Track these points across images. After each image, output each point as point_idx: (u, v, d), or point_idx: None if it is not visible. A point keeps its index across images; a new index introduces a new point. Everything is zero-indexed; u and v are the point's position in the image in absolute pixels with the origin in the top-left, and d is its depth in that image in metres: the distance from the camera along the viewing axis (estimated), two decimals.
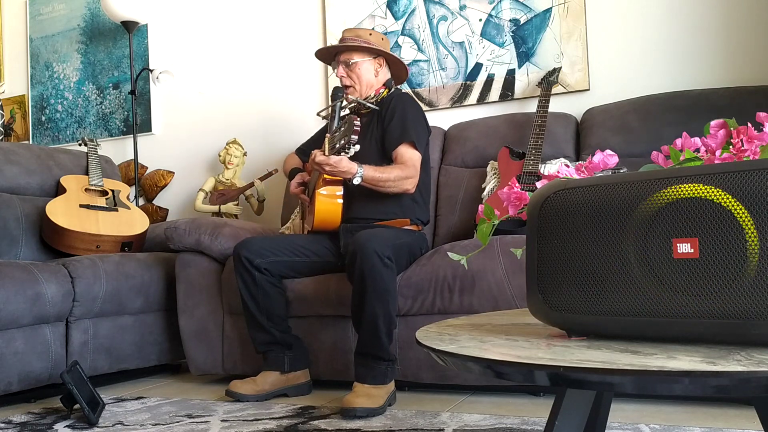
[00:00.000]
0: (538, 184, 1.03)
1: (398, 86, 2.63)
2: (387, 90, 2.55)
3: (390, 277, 2.10)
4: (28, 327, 2.34)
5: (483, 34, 3.11)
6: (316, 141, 2.70)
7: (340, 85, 2.56)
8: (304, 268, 2.40)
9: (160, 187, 3.76)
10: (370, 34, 2.55)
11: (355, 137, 2.07)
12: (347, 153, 2.15)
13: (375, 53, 2.53)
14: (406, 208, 2.43)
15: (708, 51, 2.76)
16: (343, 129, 2.13)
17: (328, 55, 2.63)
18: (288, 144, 3.38)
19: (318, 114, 2.67)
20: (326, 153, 2.21)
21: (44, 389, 2.44)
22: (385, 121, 2.45)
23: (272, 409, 2.16)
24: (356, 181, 2.24)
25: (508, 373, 0.80)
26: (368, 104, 2.46)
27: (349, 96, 2.50)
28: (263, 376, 2.32)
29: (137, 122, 3.75)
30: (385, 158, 2.43)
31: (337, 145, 2.13)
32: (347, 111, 2.52)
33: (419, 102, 3.20)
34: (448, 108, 3.17)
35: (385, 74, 2.58)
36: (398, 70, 2.61)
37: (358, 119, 2.09)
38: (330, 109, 2.49)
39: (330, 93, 2.56)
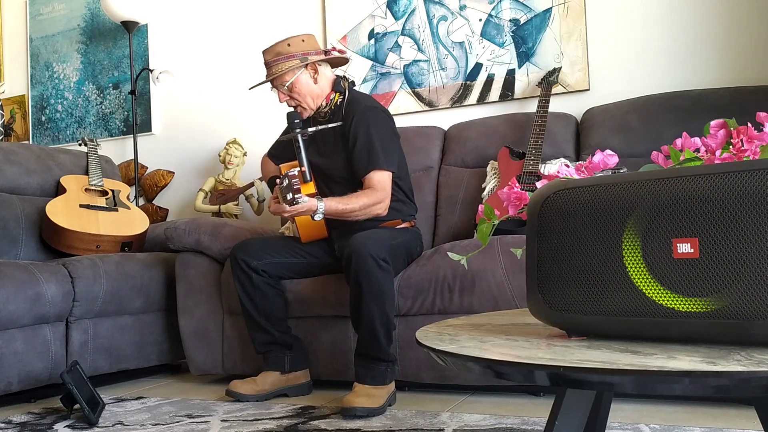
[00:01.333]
0: (538, 184, 1.03)
1: (346, 76, 2.46)
2: (339, 94, 2.40)
3: (386, 279, 2.09)
4: (28, 327, 2.34)
5: (483, 34, 3.11)
6: (281, 143, 2.60)
7: (292, 111, 2.39)
8: (301, 269, 2.40)
9: (160, 187, 3.76)
10: (289, 45, 2.33)
11: (298, 195, 2.04)
12: (299, 203, 2.09)
13: (302, 63, 2.33)
14: (393, 211, 2.37)
15: (708, 51, 2.76)
16: (285, 185, 2.08)
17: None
18: None
19: (278, 140, 2.57)
20: (281, 202, 2.14)
21: (44, 389, 2.44)
22: (349, 142, 2.33)
23: (272, 409, 2.16)
24: (317, 217, 2.17)
25: (508, 373, 0.80)
26: (328, 126, 2.35)
27: (308, 130, 2.34)
28: (263, 376, 2.32)
29: (137, 122, 3.75)
30: (355, 178, 2.34)
31: (288, 197, 2.07)
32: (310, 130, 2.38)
33: (422, 105, 3.21)
34: (448, 108, 3.17)
35: (326, 73, 2.39)
36: (335, 58, 2.45)
37: (295, 176, 2.03)
38: (293, 140, 2.35)
39: (287, 116, 2.39)
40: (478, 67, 3.11)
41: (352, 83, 2.47)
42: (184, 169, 3.76)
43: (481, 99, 3.11)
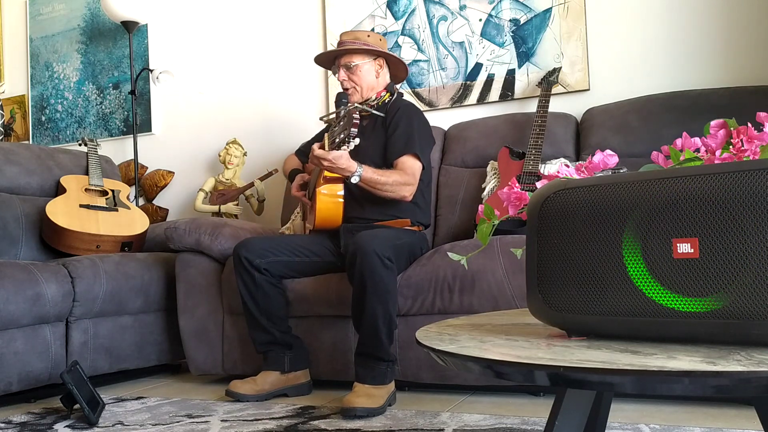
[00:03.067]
0: (538, 184, 1.03)
1: (398, 87, 2.63)
2: (389, 94, 2.54)
3: (390, 278, 2.10)
4: (28, 327, 2.34)
5: (483, 34, 3.11)
6: (313, 142, 2.70)
7: (342, 90, 2.54)
8: (303, 268, 2.40)
9: (160, 187, 3.76)
10: (369, 36, 2.53)
11: (354, 130, 2.06)
12: (347, 147, 2.13)
13: (375, 54, 2.52)
14: (407, 210, 2.42)
15: (708, 51, 2.76)
16: (342, 123, 2.12)
17: (327, 60, 2.62)
18: (288, 144, 3.38)
19: (321, 119, 2.65)
20: (326, 148, 2.20)
21: (44, 389, 2.44)
22: (389, 129, 2.45)
23: (272, 409, 2.16)
24: (354, 179, 2.23)
25: (508, 373, 0.80)
26: (374, 112, 2.42)
27: (357, 106, 2.43)
28: (263, 376, 2.32)
29: (137, 122, 3.75)
30: (386, 163, 2.42)
31: (337, 140, 2.11)
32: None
33: (422, 105, 3.21)
34: (448, 108, 3.17)
35: (386, 75, 2.57)
36: (397, 69, 2.61)
37: (358, 113, 2.08)
38: (335, 115, 2.47)
39: (333, 96, 2.52)
40: (478, 67, 3.11)
41: (401, 93, 2.62)
42: (184, 169, 3.76)
43: (481, 99, 3.11)
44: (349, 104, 2.46)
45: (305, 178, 2.57)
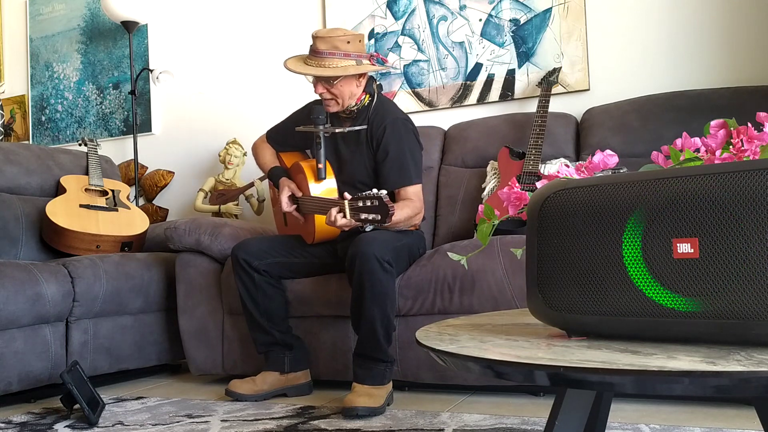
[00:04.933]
0: (538, 184, 1.03)
1: (375, 78, 2.44)
2: (368, 96, 2.37)
3: (389, 281, 2.09)
4: (28, 327, 2.34)
5: (483, 34, 3.11)
6: (288, 130, 2.52)
7: (317, 102, 2.35)
8: (302, 269, 2.40)
9: (160, 187, 3.76)
10: (348, 42, 2.25)
11: (388, 221, 1.96)
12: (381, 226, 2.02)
13: (357, 66, 2.26)
14: None
15: (708, 51, 2.76)
16: (374, 204, 1.97)
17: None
18: None
19: (297, 129, 2.42)
20: (347, 216, 2.02)
21: (44, 389, 2.44)
22: (378, 152, 2.33)
23: (272, 409, 2.16)
24: (368, 228, 2.08)
25: (508, 373, 0.80)
26: (354, 129, 2.32)
27: (337, 130, 2.31)
28: (263, 376, 2.32)
29: (137, 122, 3.75)
30: (376, 178, 2.35)
31: (363, 216, 1.99)
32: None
33: (422, 105, 3.20)
34: (448, 108, 3.17)
35: (366, 76, 2.36)
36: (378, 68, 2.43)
37: (393, 207, 1.95)
38: (314, 135, 2.32)
39: (311, 107, 2.33)
40: (478, 67, 3.11)
41: (380, 86, 2.46)
42: (184, 169, 3.76)
43: (481, 99, 3.11)
44: (327, 126, 2.30)
45: (295, 190, 2.39)
